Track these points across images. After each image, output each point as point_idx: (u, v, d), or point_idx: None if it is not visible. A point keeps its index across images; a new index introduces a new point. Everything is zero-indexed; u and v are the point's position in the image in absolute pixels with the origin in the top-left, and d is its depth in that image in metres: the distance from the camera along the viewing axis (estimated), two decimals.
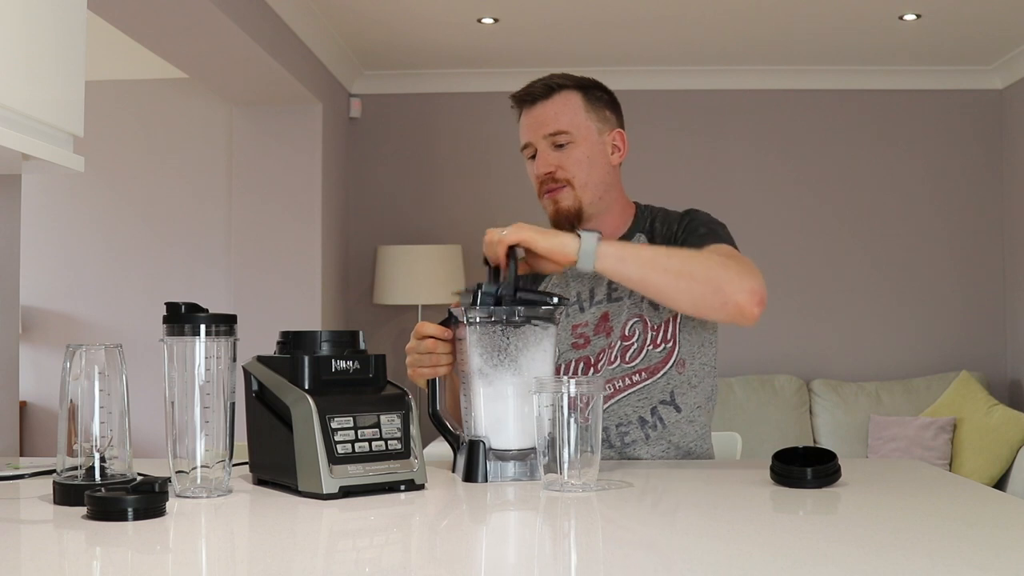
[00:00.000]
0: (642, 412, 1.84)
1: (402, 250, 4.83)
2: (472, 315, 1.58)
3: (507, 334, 1.58)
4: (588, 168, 1.87)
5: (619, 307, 1.87)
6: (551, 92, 1.89)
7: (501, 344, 1.58)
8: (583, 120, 1.88)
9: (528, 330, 1.58)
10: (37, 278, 4.94)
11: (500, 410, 1.58)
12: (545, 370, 1.59)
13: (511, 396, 1.57)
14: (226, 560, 1.15)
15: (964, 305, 5.06)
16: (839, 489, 1.49)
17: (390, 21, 4.36)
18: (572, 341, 1.88)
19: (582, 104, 1.89)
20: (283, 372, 1.47)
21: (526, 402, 1.56)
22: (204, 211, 5.04)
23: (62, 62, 1.66)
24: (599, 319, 1.88)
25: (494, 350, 1.58)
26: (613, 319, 1.87)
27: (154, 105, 5.06)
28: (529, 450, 1.57)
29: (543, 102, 1.89)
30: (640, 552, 1.16)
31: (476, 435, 1.58)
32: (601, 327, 1.87)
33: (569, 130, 1.86)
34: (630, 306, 1.86)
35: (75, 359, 1.36)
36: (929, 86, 5.08)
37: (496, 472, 1.56)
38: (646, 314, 1.85)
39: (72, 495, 1.32)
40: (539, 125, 1.88)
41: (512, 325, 1.57)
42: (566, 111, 1.87)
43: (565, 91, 1.89)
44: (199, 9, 3.29)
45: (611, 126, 1.92)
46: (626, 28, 4.43)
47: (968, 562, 1.06)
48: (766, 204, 5.07)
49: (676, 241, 1.86)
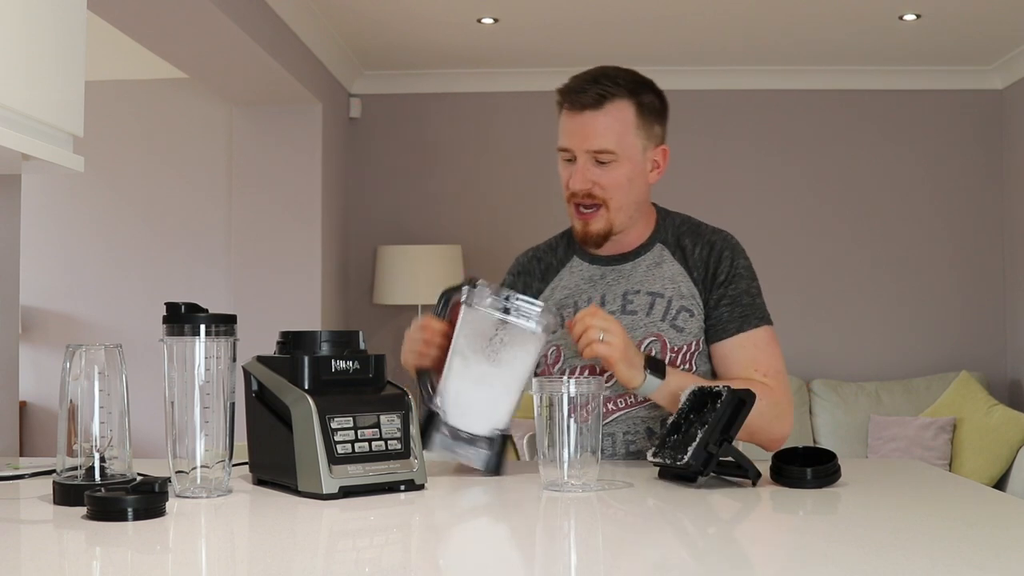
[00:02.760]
0: (651, 423, 1.82)
1: (402, 250, 4.83)
2: (472, 297, 1.60)
3: (497, 326, 1.60)
4: (627, 189, 1.80)
5: (633, 321, 1.81)
6: (603, 102, 1.76)
7: (489, 333, 1.60)
8: (631, 138, 1.79)
9: (518, 330, 1.60)
10: (37, 278, 4.94)
11: (464, 392, 1.61)
12: (522, 373, 1.62)
13: (479, 383, 1.61)
14: (226, 560, 1.15)
15: (964, 305, 5.06)
16: (839, 489, 1.49)
17: (390, 21, 4.36)
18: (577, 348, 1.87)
19: (633, 119, 1.79)
20: (283, 372, 1.47)
21: (491, 394, 1.60)
22: (204, 211, 5.04)
23: (62, 62, 1.66)
24: None
25: (481, 337, 1.61)
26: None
27: (154, 105, 5.06)
28: (480, 438, 1.60)
29: (592, 112, 1.77)
30: (640, 552, 1.16)
31: (437, 407, 1.61)
32: None
33: (615, 150, 1.77)
34: (647, 324, 1.81)
35: (75, 359, 1.36)
36: (929, 86, 5.08)
37: (446, 446, 1.60)
38: (666, 335, 1.80)
39: (72, 495, 1.32)
40: (584, 137, 1.78)
41: (506, 313, 1.60)
42: (615, 127, 1.77)
43: (618, 102, 1.77)
44: (199, 9, 3.29)
45: (656, 142, 1.84)
46: (626, 28, 4.43)
47: (968, 562, 1.06)
48: (766, 204, 5.07)
49: (715, 286, 1.81)
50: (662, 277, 1.84)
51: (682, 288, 1.82)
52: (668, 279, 1.84)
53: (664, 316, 1.81)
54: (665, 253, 1.86)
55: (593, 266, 1.89)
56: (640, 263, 1.86)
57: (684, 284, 1.83)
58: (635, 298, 1.83)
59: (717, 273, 1.82)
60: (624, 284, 1.85)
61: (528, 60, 4.92)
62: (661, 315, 1.81)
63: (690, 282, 1.83)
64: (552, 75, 5.12)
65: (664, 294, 1.82)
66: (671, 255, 1.86)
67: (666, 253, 1.86)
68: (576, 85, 1.79)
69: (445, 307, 1.67)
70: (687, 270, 1.84)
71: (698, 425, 1.51)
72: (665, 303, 1.82)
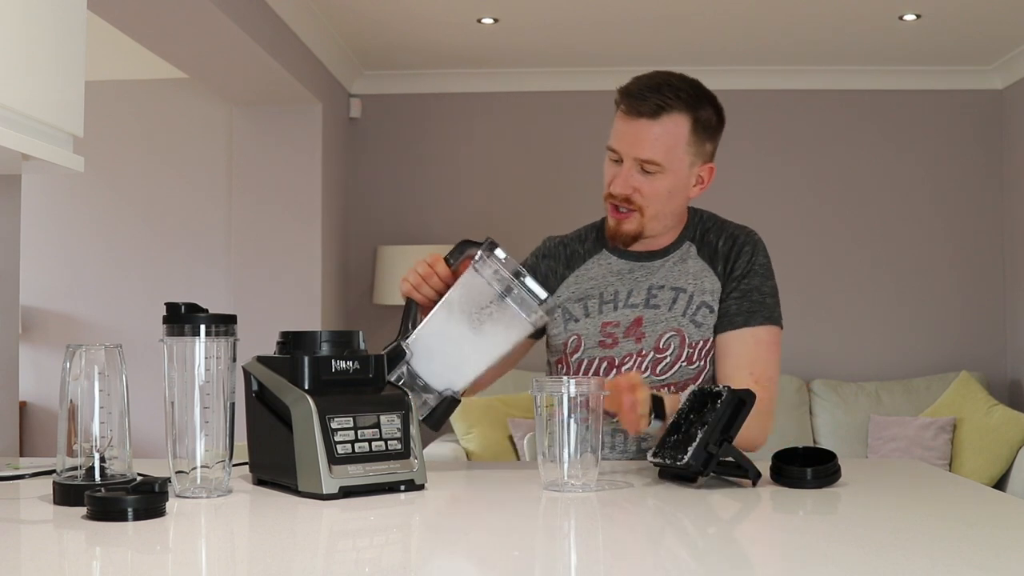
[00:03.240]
0: None
1: (402, 250, 4.83)
2: (482, 264, 1.62)
3: (492, 299, 1.62)
4: (665, 200, 1.81)
5: (655, 315, 1.84)
6: (660, 113, 1.76)
7: (482, 302, 1.62)
8: (680, 152, 1.79)
9: (511, 309, 1.62)
10: (37, 278, 4.94)
11: (434, 345, 1.63)
12: (495, 350, 1.64)
13: (452, 341, 1.62)
14: (226, 560, 1.15)
15: (964, 305, 5.06)
16: (839, 489, 1.49)
17: (390, 21, 4.36)
18: (599, 339, 1.86)
19: (687, 134, 1.79)
20: (283, 372, 1.47)
21: (459, 357, 1.62)
22: (204, 211, 5.04)
23: (62, 62, 1.66)
24: (631, 322, 1.84)
25: (473, 301, 1.62)
26: (647, 326, 1.84)
27: (154, 105, 5.06)
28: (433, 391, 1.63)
29: (648, 121, 1.77)
30: (640, 552, 1.16)
31: (406, 346, 1.62)
32: (632, 331, 1.84)
33: (662, 163, 1.78)
34: (668, 318, 1.83)
35: (75, 359, 1.36)
36: (929, 86, 5.08)
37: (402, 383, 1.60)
38: (685, 330, 1.82)
39: (72, 495, 1.32)
40: (635, 144, 1.78)
41: (504, 293, 1.61)
42: (667, 140, 1.77)
43: (675, 115, 1.78)
44: (199, 9, 3.29)
45: (704, 159, 1.84)
46: (626, 28, 4.43)
47: (968, 562, 1.06)
48: (766, 204, 5.07)
49: (729, 279, 1.84)
50: (687, 273, 1.86)
51: (705, 284, 1.84)
52: (692, 275, 1.85)
53: (685, 311, 1.83)
54: (692, 250, 1.88)
55: (622, 260, 1.90)
56: (668, 260, 1.88)
57: (707, 280, 1.85)
58: (659, 293, 1.85)
59: (735, 267, 1.84)
60: (650, 279, 1.87)
61: (528, 60, 4.92)
62: (682, 310, 1.83)
63: (713, 277, 1.85)
64: (552, 75, 5.18)
65: (687, 289, 1.84)
66: (696, 252, 1.88)
67: (692, 250, 1.88)
68: (637, 90, 1.79)
69: (459, 257, 1.69)
70: (711, 265, 1.86)
71: (698, 425, 1.51)
72: (687, 298, 1.83)
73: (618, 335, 1.85)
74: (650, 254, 1.89)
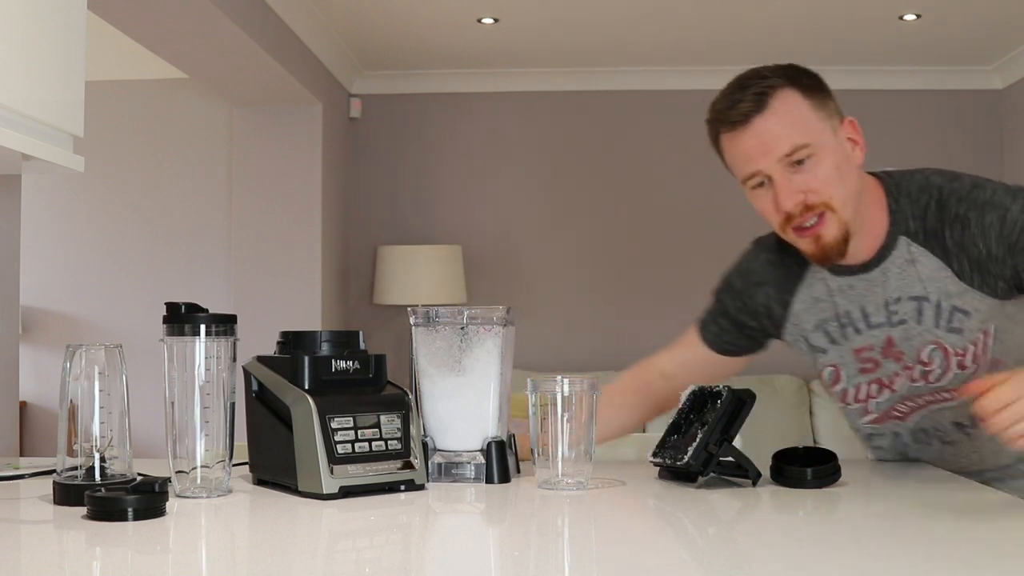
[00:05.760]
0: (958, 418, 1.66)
1: (402, 250, 4.83)
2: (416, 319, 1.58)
3: (446, 337, 1.57)
4: (841, 181, 1.53)
5: (905, 331, 1.60)
6: (764, 99, 1.52)
7: (448, 347, 1.57)
8: (813, 121, 1.53)
9: (472, 331, 1.57)
10: (37, 278, 4.94)
11: (443, 411, 1.58)
12: (490, 370, 1.57)
13: (451, 397, 1.57)
14: (226, 560, 1.15)
15: None
16: (839, 489, 1.49)
17: (390, 21, 4.36)
18: (859, 366, 1.67)
19: (805, 102, 1.53)
20: (283, 372, 1.47)
21: (470, 402, 1.56)
22: (204, 211, 5.04)
23: (62, 62, 1.66)
24: (884, 343, 1.63)
25: (441, 353, 1.58)
26: (901, 344, 1.62)
27: (154, 105, 5.06)
28: (476, 452, 1.56)
29: (759, 116, 1.52)
30: (640, 552, 1.16)
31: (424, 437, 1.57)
32: (888, 351, 1.63)
33: (807, 142, 1.51)
34: (922, 332, 1.59)
35: (75, 359, 1.36)
36: (929, 86, 5.07)
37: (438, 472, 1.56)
38: (944, 340, 1.58)
39: (72, 495, 1.32)
40: (766, 147, 1.51)
41: (456, 328, 1.57)
42: (792, 118, 1.52)
43: (778, 93, 1.53)
44: (199, 9, 3.29)
45: (839, 117, 1.58)
46: (626, 28, 4.43)
47: (968, 562, 1.06)
48: None
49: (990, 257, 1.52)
50: (919, 278, 1.57)
51: (948, 287, 1.56)
52: (927, 279, 1.57)
53: (937, 322, 1.58)
54: (913, 248, 1.58)
55: (838, 277, 1.64)
56: (890, 266, 1.59)
57: (948, 281, 1.56)
58: (898, 306, 1.59)
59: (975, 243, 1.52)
60: (880, 292, 1.61)
61: (528, 60, 4.92)
62: (933, 321, 1.58)
63: (953, 278, 1.55)
64: (552, 75, 5.18)
65: (929, 297, 1.57)
66: (920, 248, 1.57)
67: (915, 248, 1.58)
68: (725, 102, 1.57)
69: None
70: (946, 262, 1.56)
71: (698, 425, 1.51)
72: (934, 308, 1.57)
73: (877, 359, 1.65)
74: (863, 266, 1.61)
